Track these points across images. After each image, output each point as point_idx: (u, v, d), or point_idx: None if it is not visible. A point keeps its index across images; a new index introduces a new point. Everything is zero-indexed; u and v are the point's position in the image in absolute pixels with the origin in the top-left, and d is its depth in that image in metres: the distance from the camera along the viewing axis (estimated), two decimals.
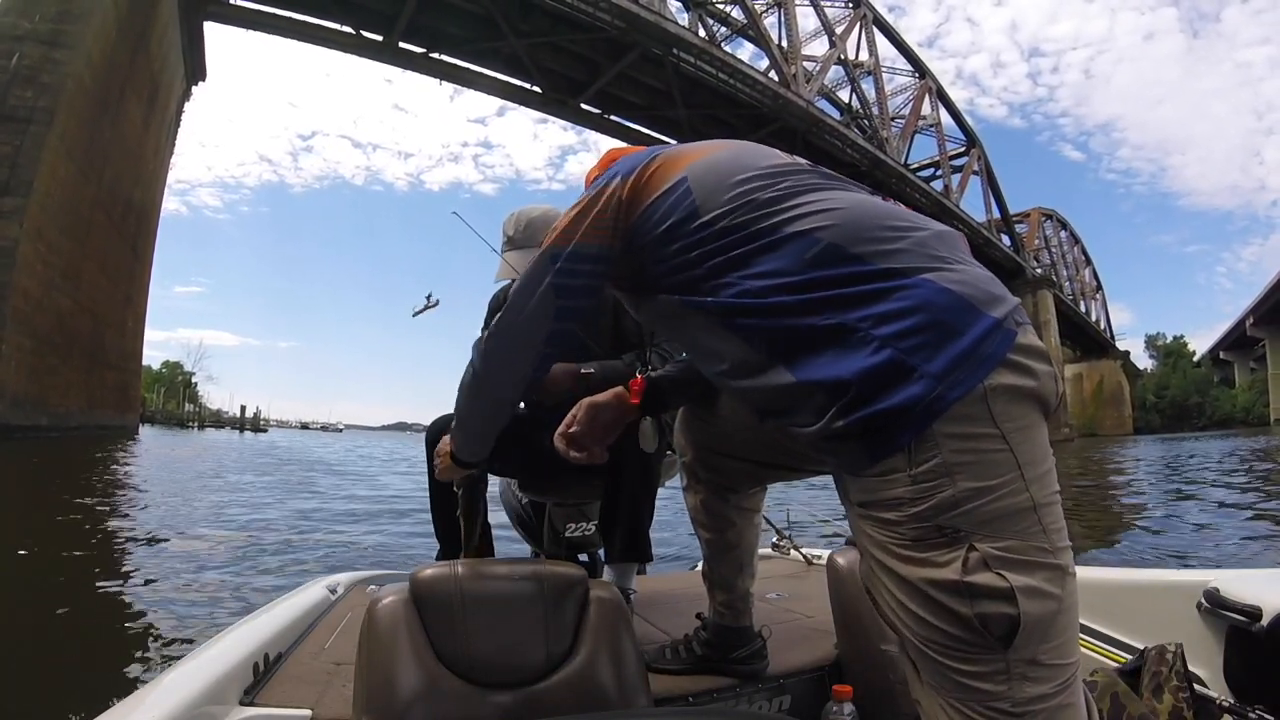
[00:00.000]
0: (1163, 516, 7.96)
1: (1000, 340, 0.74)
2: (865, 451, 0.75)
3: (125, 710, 0.98)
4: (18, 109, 18.54)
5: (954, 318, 0.73)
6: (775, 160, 0.93)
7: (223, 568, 4.74)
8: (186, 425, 62.78)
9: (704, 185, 0.89)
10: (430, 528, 1.83)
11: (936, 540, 0.72)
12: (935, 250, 0.80)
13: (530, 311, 0.98)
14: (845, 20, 42.35)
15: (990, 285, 0.78)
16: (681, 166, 0.93)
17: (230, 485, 11.44)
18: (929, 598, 0.72)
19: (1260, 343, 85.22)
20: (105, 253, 25.19)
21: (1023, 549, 0.71)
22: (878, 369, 0.73)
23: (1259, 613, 1.17)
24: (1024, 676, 0.71)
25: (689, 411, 1.28)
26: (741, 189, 0.87)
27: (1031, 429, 0.75)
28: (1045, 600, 0.70)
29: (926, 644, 0.75)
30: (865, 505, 0.78)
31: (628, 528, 1.68)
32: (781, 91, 36.12)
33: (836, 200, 0.85)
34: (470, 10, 29.56)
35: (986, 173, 55.05)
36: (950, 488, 0.71)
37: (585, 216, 0.97)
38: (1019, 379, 0.73)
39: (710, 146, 0.97)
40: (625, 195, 0.96)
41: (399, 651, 0.96)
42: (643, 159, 0.99)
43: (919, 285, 0.76)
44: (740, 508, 1.28)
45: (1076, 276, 76.51)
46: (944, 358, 0.72)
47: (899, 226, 0.82)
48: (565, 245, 0.96)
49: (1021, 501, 0.72)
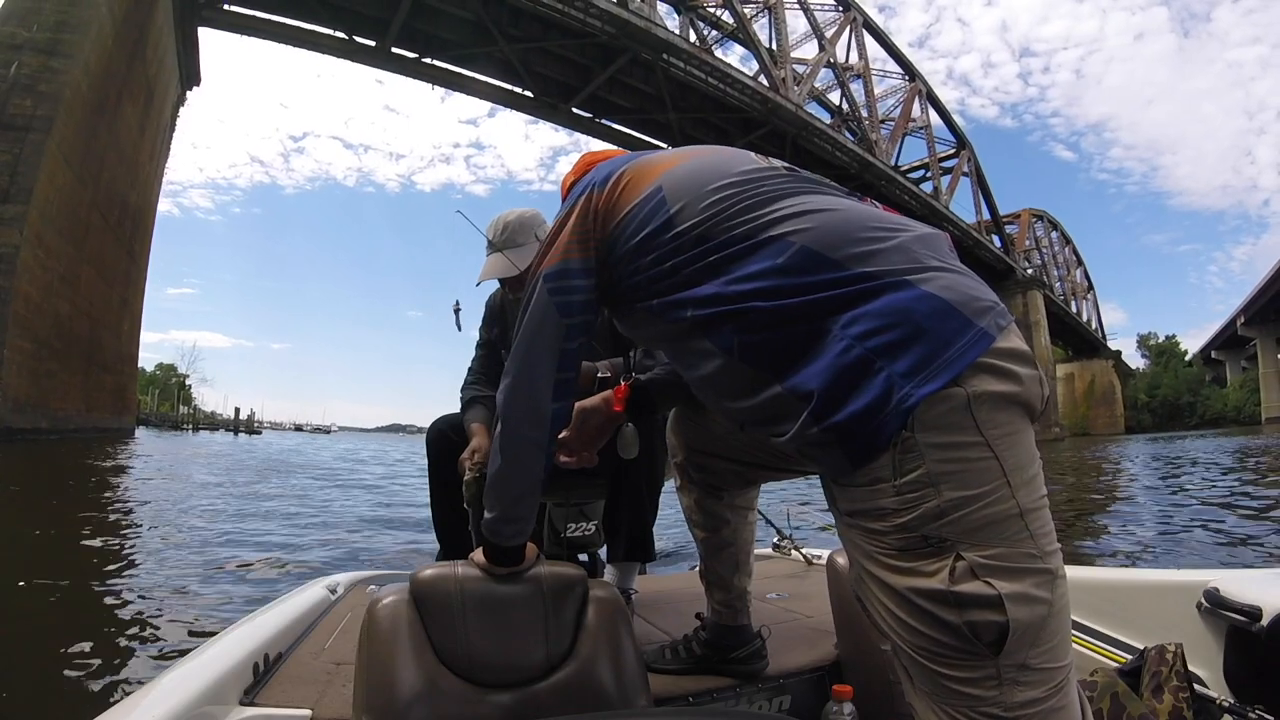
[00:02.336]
0: (1150, 513, 7.94)
1: (975, 341, 0.73)
2: (846, 458, 0.74)
3: (125, 710, 0.99)
4: (17, 118, 18.78)
5: (929, 321, 0.73)
6: (750, 165, 0.92)
7: (223, 567, 4.73)
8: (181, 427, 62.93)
9: (678, 194, 0.89)
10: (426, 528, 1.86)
11: (923, 550, 0.72)
12: (915, 253, 0.79)
13: (538, 333, 0.97)
14: (835, 24, 42.61)
15: (971, 288, 0.77)
16: (655, 175, 0.93)
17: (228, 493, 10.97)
18: (917, 606, 0.72)
19: (1251, 342, 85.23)
20: (102, 257, 25.43)
21: (1010, 556, 0.70)
22: (846, 370, 0.73)
23: (1259, 613, 1.17)
24: (1015, 681, 0.71)
25: (680, 412, 1.29)
26: (716, 196, 0.87)
27: (1017, 434, 0.74)
28: (1034, 606, 0.70)
29: (918, 651, 0.75)
30: (852, 515, 0.78)
31: (631, 528, 1.70)
32: (770, 96, 36.43)
33: (813, 204, 0.85)
34: (462, 16, 29.79)
35: (976, 174, 55.34)
36: (935, 498, 0.70)
37: (564, 230, 0.97)
38: (1002, 384, 0.73)
39: (684, 154, 0.97)
40: (600, 206, 0.96)
41: (399, 651, 0.95)
42: (615, 168, 0.98)
43: (895, 289, 0.75)
44: (734, 505, 1.28)
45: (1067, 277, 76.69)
46: (911, 357, 0.71)
47: (879, 231, 0.81)
48: (553, 263, 0.97)
49: (1008, 509, 0.71)
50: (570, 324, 0.97)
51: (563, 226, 0.98)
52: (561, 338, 0.97)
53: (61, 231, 20.95)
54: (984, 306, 0.75)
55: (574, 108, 36.57)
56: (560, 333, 0.97)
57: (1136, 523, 7.21)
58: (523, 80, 34.27)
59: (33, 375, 19.70)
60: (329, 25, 30.74)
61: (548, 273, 0.96)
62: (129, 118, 25.89)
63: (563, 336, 0.97)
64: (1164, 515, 7.71)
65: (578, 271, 0.96)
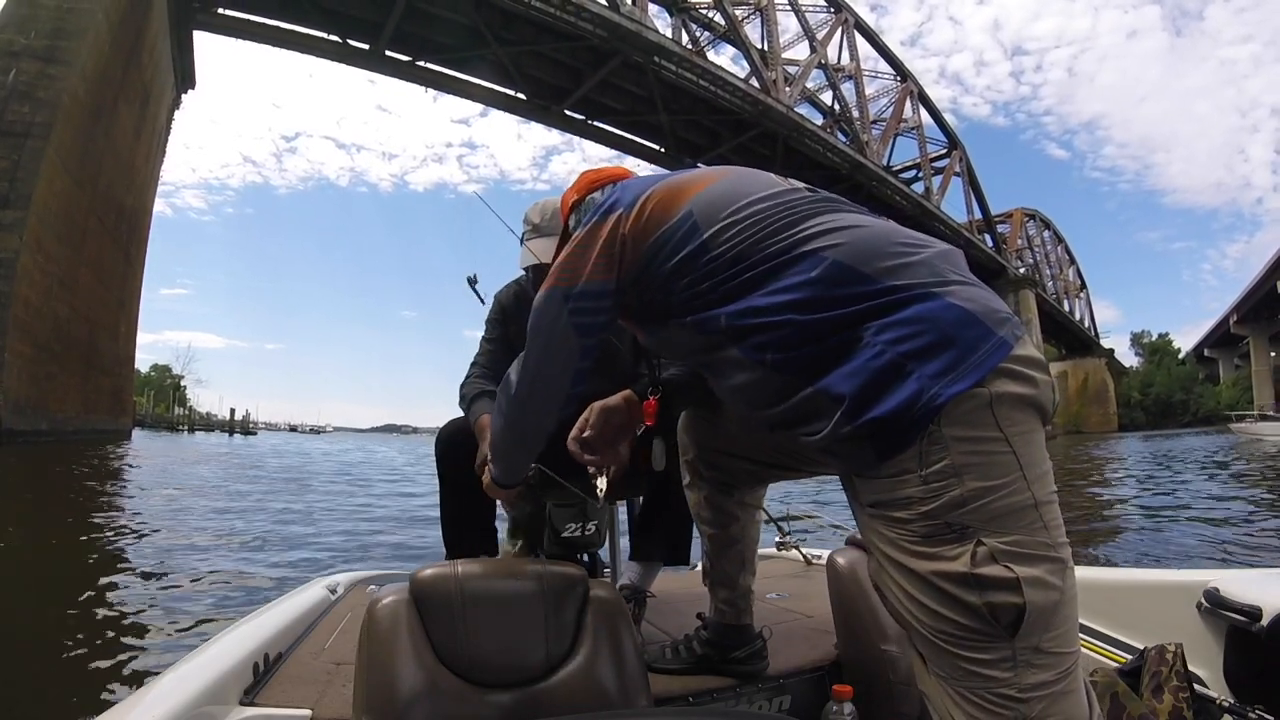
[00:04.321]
0: (1143, 509, 8.03)
1: (997, 348, 0.77)
2: (873, 451, 0.78)
3: (125, 710, 0.99)
4: (15, 124, 18.96)
5: (955, 329, 0.77)
6: (776, 187, 0.95)
7: (223, 567, 4.77)
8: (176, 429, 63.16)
9: (710, 217, 0.91)
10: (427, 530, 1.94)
11: (946, 536, 0.75)
12: (939, 268, 0.83)
13: (554, 354, 1.01)
14: (826, 25, 42.82)
15: (990, 300, 0.82)
16: (685, 199, 0.94)
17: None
18: (939, 589, 0.76)
19: (1244, 340, 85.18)
20: (99, 260, 25.62)
21: (1026, 543, 0.75)
22: (878, 372, 0.76)
23: (1259, 613, 1.18)
24: (1029, 663, 0.74)
25: (693, 411, 1.29)
26: (749, 218, 0.89)
27: (1032, 434, 0.79)
28: (1048, 591, 0.74)
29: (936, 635, 0.78)
30: (877, 505, 0.81)
31: (671, 530, 1.68)
32: (761, 98, 36.63)
33: (842, 221, 0.88)
34: (455, 20, 30.03)
35: (968, 174, 55.40)
36: (959, 487, 0.75)
37: (589, 252, 0.97)
38: (1022, 387, 0.78)
39: (710, 175, 0.98)
40: (628, 231, 0.96)
41: (399, 651, 0.95)
42: (641, 191, 0.98)
43: (923, 300, 0.79)
44: (743, 503, 1.30)
45: (1060, 276, 76.84)
46: (940, 361, 0.76)
47: (905, 247, 0.85)
48: (574, 284, 0.97)
49: (1024, 500, 0.75)
50: (586, 344, 1.00)
51: (586, 247, 0.98)
52: (578, 357, 1.00)
53: (60, 236, 21.13)
54: (1003, 317, 0.81)
55: (566, 110, 36.84)
56: (577, 353, 1.00)
57: (1132, 521, 7.26)
58: (515, 83, 34.59)
59: (32, 378, 19.88)
60: (323, 29, 31.00)
61: (571, 293, 0.97)
62: (125, 122, 26.10)
63: (579, 355, 1.00)
64: (1153, 512, 7.75)
65: (601, 294, 0.97)
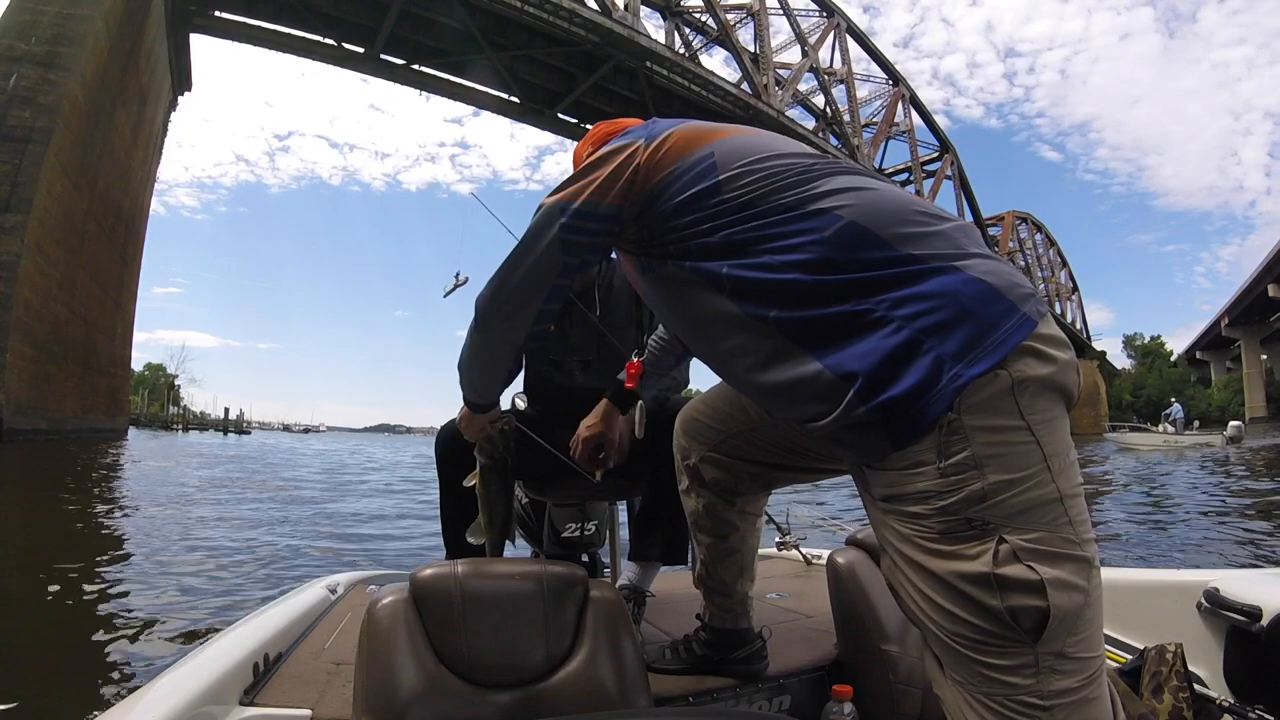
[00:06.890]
0: (1135, 509, 7.97)
1: (1020, 325, 0.73)
2: (888, 437, 0.73)
3: (125, 710, 0.99)
4: (16, 129, 19.24)
5: (976, 304, 0.73)
6: (800, 148, 0.92)
7: (223, 567, 4.77)
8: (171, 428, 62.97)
9: (729, 161, 0.88)
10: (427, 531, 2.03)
11: (965, 533, 0.71)
12: (958, 240, 0.79)
13: (534, 264, 0.95)
14: (819, 29, 43.08)
15: (1012, 274, 0.78)
16: (708, 141, 0.92)
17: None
18: (958, 591, 0.71)
19: (1236, 343, 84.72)
20: (97, 262, 25.90)
21: (1051, 541, 0.70)
22: (894, 350, 0.72)
23: (1259, 613, 1.17)
24: (1052, 669, 0.70)
25: (691, 412, 1.24)
26: (766, 168, 0.86)
27: (1056, 420, 0.74)
28: (1073, 593, 0.70)
29: (954, 638, 0.73)
30: (890, 500, 0.77)
31: (669, 529, 1.66)
32: (752, 102, 37.06)
33: (859, 183, 0.84)
34: (450, 24, 30.31)
35: (959, 177, 55.68)
36: (979, 480, 0.70)
37: (596, 173, 0.94)
38: (1043, 367, 0.73)
39: (741, 128, 0.96)
40: (644, 160, 0.92)
41: (399, 651, 0.95)
42: (663, 128, 0.96)
43: (943, 273, 0.75)
44: (744, 512, 1.25)
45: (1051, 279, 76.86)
46: (959, 339, 0.71)
47: (924, 216, 0.81)
48: (573, 200, 0.93)
49: (1049, 493, 0.71)
50: (570, 262, 0.96)
51: (596, 169, 0.94)
52: (556, 273, 0.96)
53: (59, 239, 21.41)
54: (1026, 293, 0.77)
55: (559, 113, 37.16)
56: (557, 268, 0.96)
57: (1129, 520, 7.26)
58: (509, 87, 34.89)
59: (32, 379, 20.18)
60: (319, 32, 31.30)
61: (569, 208, 0.94)
62: (122, 125, 26.35)
63: (558, 272, 0.96)
64: (1148, 513, 7.77)
65: (596, 215, 0.93)
